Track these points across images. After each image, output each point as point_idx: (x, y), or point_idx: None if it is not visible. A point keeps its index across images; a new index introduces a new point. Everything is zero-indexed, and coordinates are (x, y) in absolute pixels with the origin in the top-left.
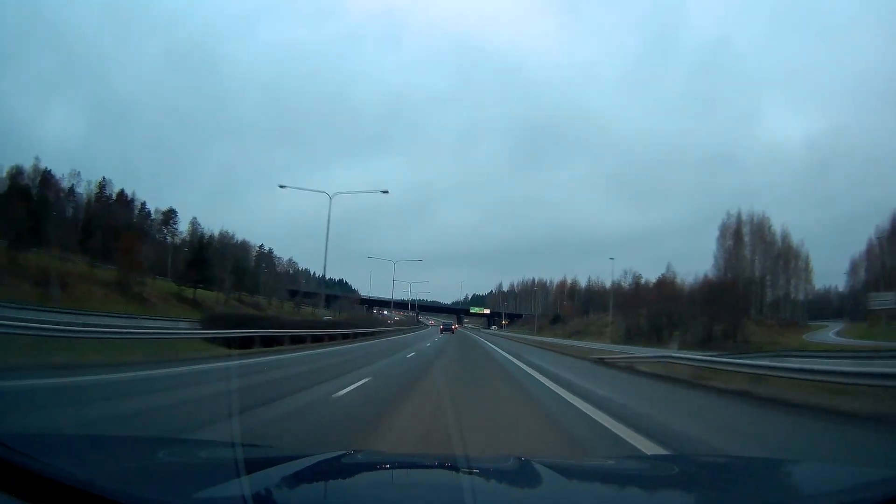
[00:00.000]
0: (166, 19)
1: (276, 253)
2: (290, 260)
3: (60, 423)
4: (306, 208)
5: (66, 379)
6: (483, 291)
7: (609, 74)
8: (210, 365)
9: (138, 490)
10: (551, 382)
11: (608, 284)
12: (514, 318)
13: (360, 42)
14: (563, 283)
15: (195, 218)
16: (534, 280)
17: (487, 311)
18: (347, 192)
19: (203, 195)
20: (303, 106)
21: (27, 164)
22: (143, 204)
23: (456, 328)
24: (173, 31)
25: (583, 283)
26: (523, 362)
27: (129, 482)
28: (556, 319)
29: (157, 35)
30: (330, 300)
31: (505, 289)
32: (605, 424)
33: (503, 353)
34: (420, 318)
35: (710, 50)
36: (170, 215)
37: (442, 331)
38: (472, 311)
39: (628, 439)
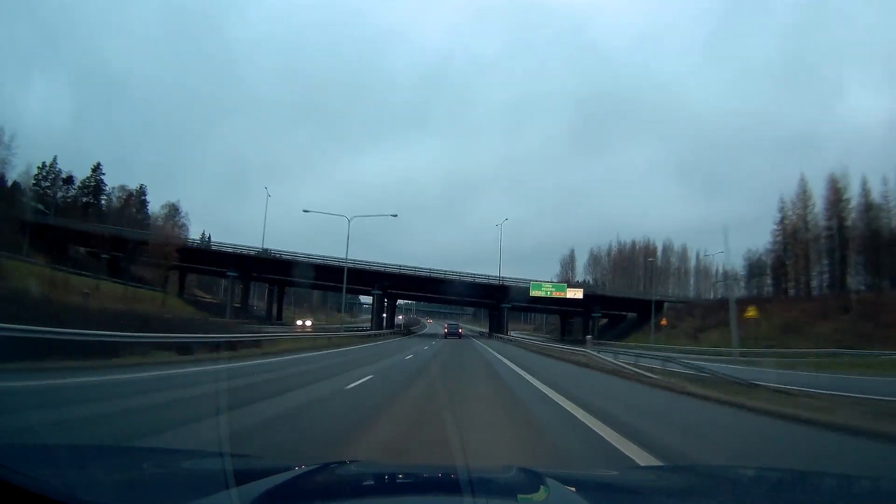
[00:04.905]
0: None
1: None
2: (172, 203)
3: None
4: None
5: None
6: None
7: (686, 38)
8: None
9: (122, 503)
10: None
11: None
12: (612, 307)
13: None
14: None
15: None
16: (633, 243)
17: (579, 294)
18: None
19: (209, 185)
20: (327, 76)
21: None
22: None
23: (462, 332)
24: None
25: None
26: None
27: (113, 494)
28: None
29: None
30: None
31: (581, 262)
32: None
33: None
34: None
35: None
36: None
37: (447, 334)
38: (533, 292)
39: None
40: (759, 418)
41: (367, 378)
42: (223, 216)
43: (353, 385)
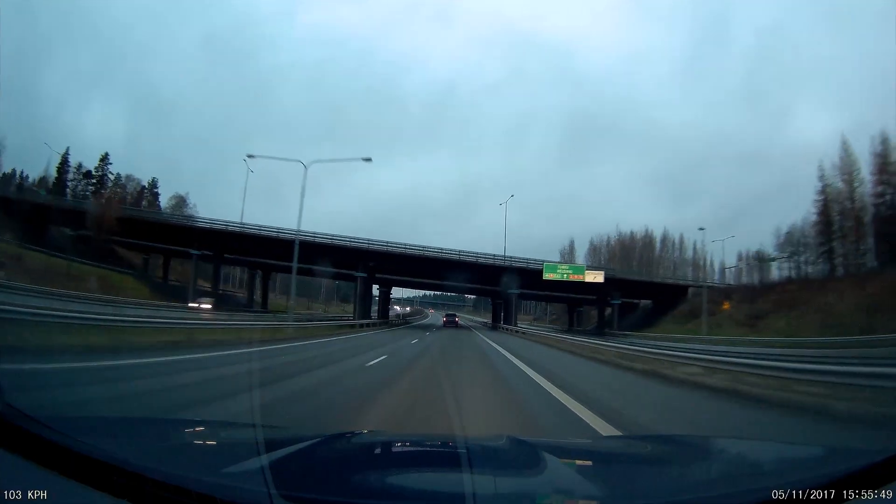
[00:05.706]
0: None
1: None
2: (180, 195)
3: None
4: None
5: None
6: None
7: (661, 66)
8: None
9: (172, 467)
10: None
11: None
12: (632, 293)
13: (409, 24)
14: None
15: None
16: (632, 234)
17: (600, 278)
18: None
19: (244, 196)
20: (347, 99)
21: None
22: None
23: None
24: (212, 14)
25: None
26: None
27: (162, 460)
28: None
29: (196, 19)
30: None
31: (581, 252)
32: None
33: None
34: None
35: (759, 40)
36: None
37: (445, 323)
38: (547, 275)
39: None
40: None
41: None
42: (253, 219)
43: None
